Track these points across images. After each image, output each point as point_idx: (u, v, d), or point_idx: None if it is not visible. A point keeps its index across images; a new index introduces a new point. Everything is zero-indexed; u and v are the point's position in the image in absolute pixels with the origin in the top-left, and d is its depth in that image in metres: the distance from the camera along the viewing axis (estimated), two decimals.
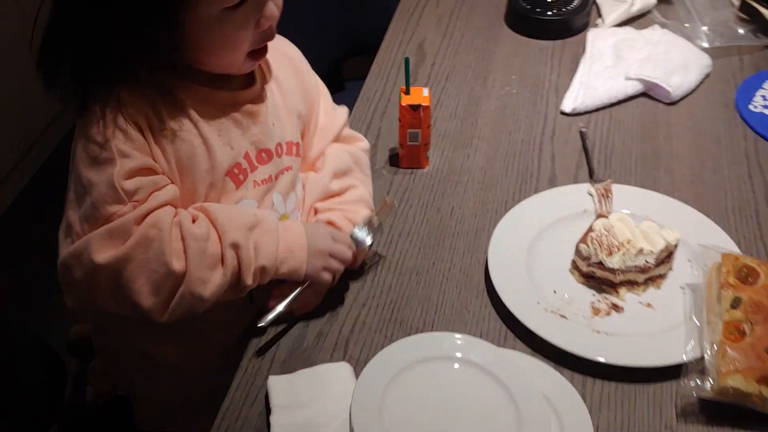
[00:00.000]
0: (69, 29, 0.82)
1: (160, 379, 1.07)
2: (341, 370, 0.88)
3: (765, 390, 0.81)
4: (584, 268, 0.96)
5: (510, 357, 0.88)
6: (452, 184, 1.13)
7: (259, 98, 0.94)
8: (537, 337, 0.90)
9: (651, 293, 0.96)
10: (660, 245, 0.94)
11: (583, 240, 0.96)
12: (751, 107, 1.24)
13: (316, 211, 1.01)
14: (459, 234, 1.05)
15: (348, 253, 0.94)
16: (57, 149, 2.46)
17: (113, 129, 0.83)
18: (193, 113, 0.88)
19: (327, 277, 0.92)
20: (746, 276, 0.90)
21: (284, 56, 1.00)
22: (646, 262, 0.94)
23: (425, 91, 1.10)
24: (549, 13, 1.41)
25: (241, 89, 0.92)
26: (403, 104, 1.09)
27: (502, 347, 0.90)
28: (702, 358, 0.85)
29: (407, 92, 1.09)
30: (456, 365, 0.87)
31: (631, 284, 0.95)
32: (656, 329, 0.91)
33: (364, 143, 1.09)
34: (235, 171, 0.92)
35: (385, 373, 0.85)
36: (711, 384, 0.82)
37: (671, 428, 0.83)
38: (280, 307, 0.91)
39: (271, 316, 0.91)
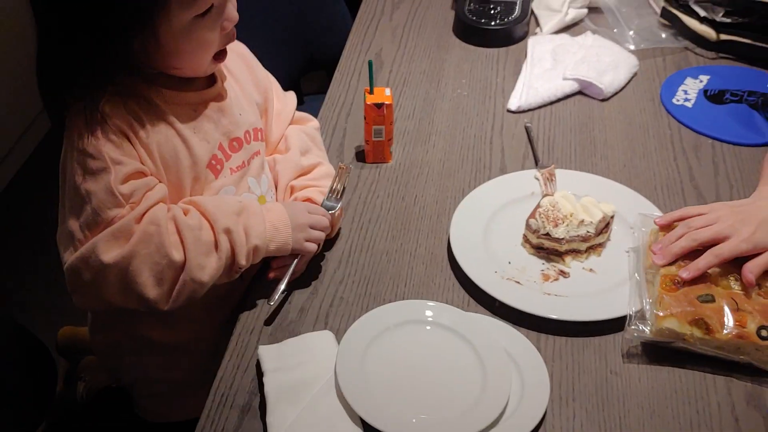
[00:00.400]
0: (54, 51, 0.90)
1: (160, 365, 1.14)
2: (324, 337, 0.98)
3: (696, 330, 0.93)
4: (534, 240, 1.08)
5: (474, 319, 0.99)
6: (414, 175, 1.24)
7: (223, 94, 1.04)
8: (496, 301, 1.01)
9: (593, 260, 1.08)
10: (598, 216, 1.06)
11: (533, 215, 1.08)
12: (674, 101, 1.38)
13: (292, 190, 1.11)
14: (422, 218, 1.16)
15: (325, 222, 1.04)
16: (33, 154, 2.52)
17: (103, 139, 0.91)
18: (169, 116, 0.97)
19: (311, 247, 1.02)
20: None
21: (235, 54, 1.10)
22: (587, 231, 1.06)
23: (387, 91, 1.21)
24: (493, 23, 1.54)
25: (206, 89, 1.02)
26: (368, 103, 1.19)
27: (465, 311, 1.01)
28: (642, 309, 0.97)
29: (371, 92, 1.20)
30: (427, 327, 0.98)
31: (575, 252, 1.07)
32: (598, 290, 1.03)
33: (315, 122, 1.22)
34: (213, 162, 1.02)
35: (364, 336, 0.96)
36: (650, 327, 0.94)
37: (615, 372, 0.95)
38: (282, 285, 1.01)
39: (277, 294, 1.00)
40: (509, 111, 1.37)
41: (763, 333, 0.92)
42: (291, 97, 1.20)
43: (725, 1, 1.46)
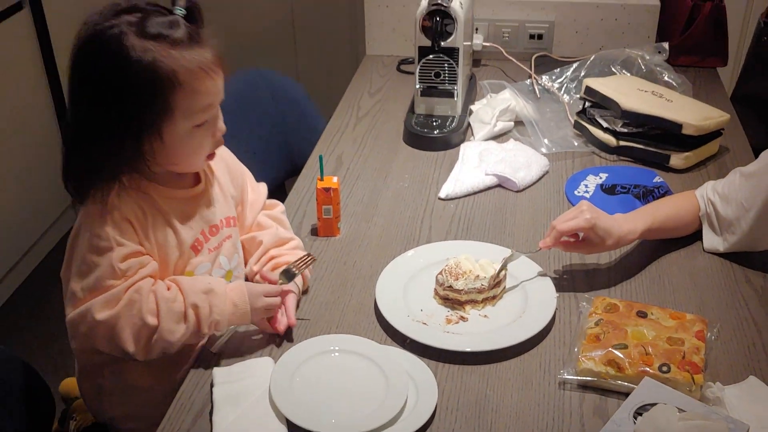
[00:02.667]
0: (80, 153, 1.11)
1: (138, 404, 1.32)
2: (265, 361, 1.18)
3: (610, 369, 1.12)
4: (441, 292, 1.30)
5: (385, 349, 1.20)
6: (356, 246, 1.47)
7: (206, 191, 1.27)
8: (406, 338, 1.22)
9: (488, 309, 1.29)
10: (490, 273, 1.28)
11: (441, 273, 1.30)
12: (575, 192, 1.62)
13: (271, 258, 1.33)
14: (357, 278, 1.38)
15: (277, 301, 1.22)
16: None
17: (111, 225, 1.13)
18: (163, 208, 1.19)
19: (264, 324, 1.22)
20: (610, 309, 1.23)
21: (218, 157, 1.30)
22: (482, 284, 1.28)
23: (335, 179, 1.46)
24: (435, 132, 1.81)
25: (193, 186, 1.24)
26: (319, 188, 1.45)
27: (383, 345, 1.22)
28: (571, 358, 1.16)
29: (322, 179, 1.46)
30: (348, 354, 1.18)
31: (473, 302, 1.29)
32: (487, 330, 1.24)
33: (281, 206, 1.44)
34: (195, 244, 1.24)
35: (296, 359, 1.17)
36: (575, 369, 1.14)
37: (493, 391, 1.14)
38: (224, 339, 1.23)
39: (218, 343, 1.22)
40: (440, 198, 1.61)
41: (664, 368, 1.11)
42: (263, 187, 1.44)
43: (623, 114, 1.73)
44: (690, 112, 1.69)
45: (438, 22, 1.72)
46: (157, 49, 1.06)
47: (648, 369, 1.11)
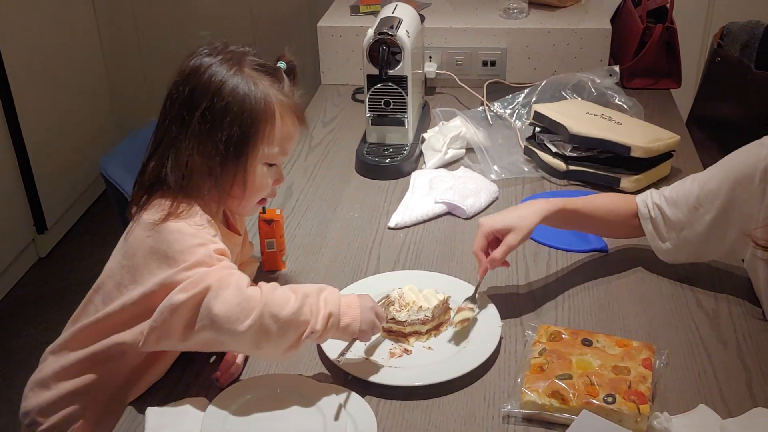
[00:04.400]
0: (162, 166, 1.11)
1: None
2: (200, 402, 1.12)
3: (554, 401, 1.07)
4: (384, 325, 1.24)
5: (324, 387, 1.14)
6: (302, 279, 1.42)
7: (240, 244, 1.29)
8: (348, 374, 1.17)
9: (432, 341, 1.24)
10: (434, 303, 1.24)
11: (383, 305, 1.25)
12: None
13: None
14: None
15: (383, 314, 1.16)
16: None
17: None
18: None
19: (376, 329, 1.14)
20: (554, 337, 1.19)
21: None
22: (425, 315, 1.23)
23: (278, 211, 1.41)
24: (387, 161, 1.77)
25: (237, 235, 1.26)
26: (261, 220, 1.40)
27: (323, 383, 1.16)
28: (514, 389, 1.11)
29: (264, 212, 1.41)
30: (284, 395, 1.13)
31: (417, 334, 1.24)
32: (431, 362, 1.19)
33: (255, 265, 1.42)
34: None
35: (230, 399, 1.11)
36: (519, 402, 1.08)
37: (436, 426, 1.09)
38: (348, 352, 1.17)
39: (345, 355, 1.17)
40: (389, 228, 1.57)
41: (609, 399, 1.06)
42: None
43: (571, 139, 1.70)
44: (639, 135, 1.67)
45: (385, 50, 1.69)
46: (266, 82, 1.13)
47: (593, 400, 1.06)
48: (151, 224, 1.08)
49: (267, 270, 1.44)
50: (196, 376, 1.19)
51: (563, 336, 1.19)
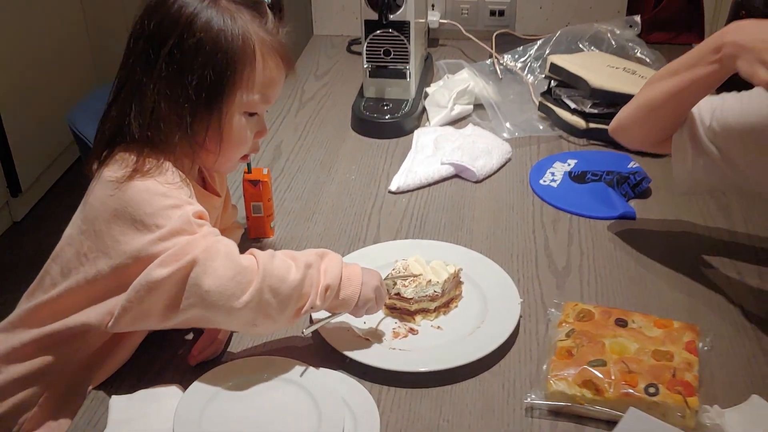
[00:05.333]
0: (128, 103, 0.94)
1: None
2: (172, 391, 0.97)
3: (586, 392, 0.92)
4: (387, 301, 1.09)
5: (318, 372, 0.99)
6: (293, 249, 1.25)
7: (220, 207, 1.13)
8: (345, 357, 1.01)
9: (441, 319, 1.09)
10: (444, 276, 1.08)
11: (386, 278, 1.09)
12: (541, 182, 1.42)
13: None
14: None
15: (385, 295, 1.03)
16: None
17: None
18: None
19: (372, 309, 1.00)
20: (583, 317, 1.04)
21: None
22: (434, 291, 1.07)
23: (265, 170, 1.25)
24: (386, 117, 1.60)
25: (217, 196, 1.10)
26: (246, 180, 1.23)
27: (317, 368, 1.00)
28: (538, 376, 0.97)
29: (249, 171, 1.24)
30: (272, 381, 0.97)
31: (425, 312, 1.08)
32: (440, 344, 1.04)
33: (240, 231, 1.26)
34: None
35: (207, 390, 0.95)
36: (544, 392, 0.93)
37: (448, 420, 0.94)
38: (323, 322, 1.01)
39: (315, 326, 1.00)
40: (390, 192, 1.41)
41: (651, 390, 0.91)
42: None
43: (592, 93, 1.53)
44: None
45: None
46: (246, 16, 0.95)
47: (632, 391, 0.91)
48: (113, 182, 0.92)
49: (253, 238, 1.28)
50: (171, 357, 1.03)
51: (594, 315, 1.04)
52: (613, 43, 1.76)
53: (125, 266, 0.90)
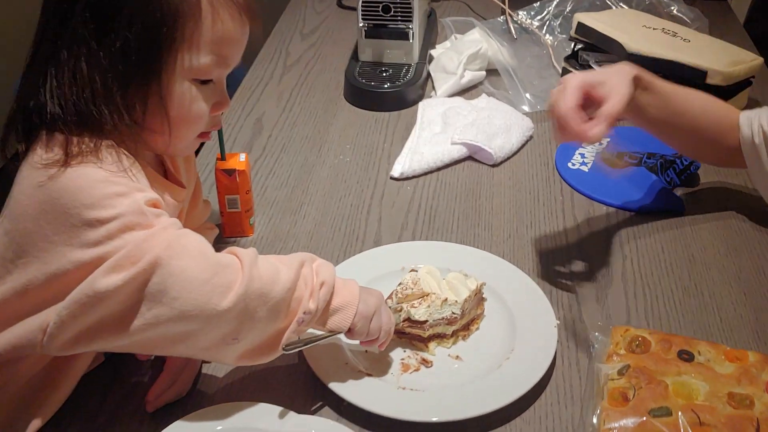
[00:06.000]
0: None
1: None
2: None
3: None
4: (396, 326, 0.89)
5: (306, 421, 0.79)
6: (277, 250, 1.05)
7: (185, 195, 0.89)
8: (342, 400, 0.81)
9: (460, 346, 0.89)
10: (464, 295, 0.88)
11: (392, 295, 0.89)
12: (569, 165, 1.21)
13: None
14: None
15: (393, 325, 0.83)
16: None
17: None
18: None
19: (374, 329, 0.80)
20: (638, 346, 0.85)
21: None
22: (453, 313, 0.87)
23: (242, 157, 1.03)
24: (386, 85, 1.38)
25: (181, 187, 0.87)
26: (218, 169, 1.02)
27: (305, 414, 0.81)
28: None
29: (223, 158, 1.03)
30: None
31: (440, 337, 0.89)
32: (461, 382, 0.84)
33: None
34: None
35: None
36: None
37: None
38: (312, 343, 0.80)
39: (300, 346, 0.79)
40: (392, 178, 1.20)
41: None
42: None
43: (628, 59, 1.31)
44: (714, 55, 1.29)
45: None
46: None
47: None
48: (41, 169, 0.70)
49: (228, 236, 1.07)
50: (124, 398, 0.83)
51: (650, 344, 0.85)
52: None
53: (63, 274, 0.69)
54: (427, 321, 0.87)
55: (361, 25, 1.40)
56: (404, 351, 0.89)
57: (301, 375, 0.86)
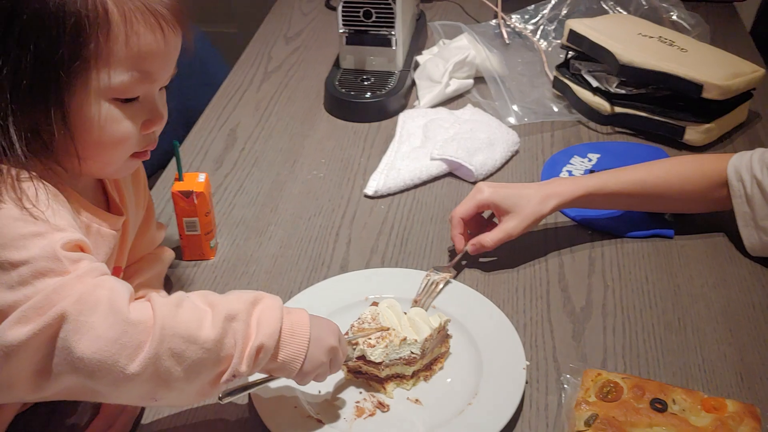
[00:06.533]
0: None
1: None
2: None
3: None
4: (350, 363, 0.84)
5: None
6: (238, 275, 1.01)
7: (125, 230, 0.83)
8: None
9: (421, 387, 0.84)
10: (425, 333, 0.82)
11: (348, 332, 0.84)
12: None
13: None
14: None
15: (343, 357, 0.78)
16: None
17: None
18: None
19: (321, 376, 0.76)
20: (609, 392, 0.79)
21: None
22: (411, 353, 0.82)
23: (201, 177, 0.99)
24: (366, 95, 1.33)
25: (115, 216, 0.80)
26: (174, 191, 0.97)
27: None
28: None
29: (180, 179, 0.98)
30: None
31: (399, 378, 0.83)
32: (420, 429, 0.79)
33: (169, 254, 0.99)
34: None
35: None
36: None
37: None
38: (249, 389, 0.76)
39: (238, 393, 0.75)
40: (366, 196, 1.14)
41: None
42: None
43: (620, 70, 1.25)
44: (712, 67, 1.22)
45: None
46: None
47: None
48: None
49: (188, 259, 1.02)
50: None
51: (622, 390, 0.79)
52: (644, 2, 1.47)
53: None
54: (383, 362, 0.81)
55: (341, 30, 1.34)
56: (360, 392, 0.83)
57: (250, 420, 0.81)
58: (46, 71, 0.65)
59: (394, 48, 1.35)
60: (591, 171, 1.18)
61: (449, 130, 1.22)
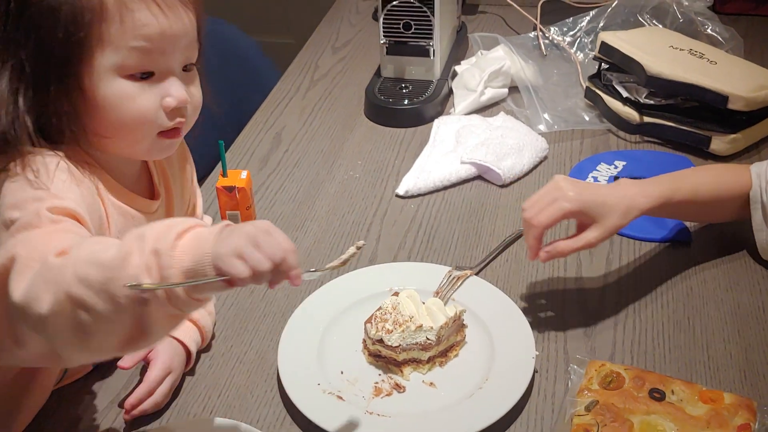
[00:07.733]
0: None
1: None
2: None
3: None
4: (371, 347, 0.91)
5: None
6: None
7: (162, 212, 0.88)
8: (311, 421, 0.84)
9: (436, 372, 0.90)
10: (441, 321, 0.89)
11: (370, 319, 0.91)
12: None
13: None
14: (264, 316, 1.00)
15: (282, 248, 0.62)
16: None
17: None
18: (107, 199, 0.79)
19: (240, 267, 0.60)
20: (611, 382, 0.85)
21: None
22: (427, 339, 0.88)
23: (243, 174, 1.07)
24: (404, 102, 1.40)
25: (148, 197, 0.85)
26: (218, 186, 1.05)
27: None
28: None
29: (225, 174, 1.06)
30: None
31: (415, 363, 0.90)
32: (430, 409, 0.85)
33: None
34: None
35: None
36: None
37: None
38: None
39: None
40: (397, 196, 1.21)
41: None
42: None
43: (648, 81, 1.29)
44: (739, 79, 1.25)
45: None
46: None
47: None
48: None
49: None
50: (108, 407, 0.88)
51: (624, 380, 0.84)
52: (680, 16, 1.50)
53: None
54: (399, 345, 0.88)
55: (382, 41, 1.41)
56: (379, 374, 0.90)
57: (276, 394, 0.89)
58: (52, 56, 0.71)
59: (432, 58, 1.42)
60: (616, 178, 1.22)
61: (480, 136, 1.28)
